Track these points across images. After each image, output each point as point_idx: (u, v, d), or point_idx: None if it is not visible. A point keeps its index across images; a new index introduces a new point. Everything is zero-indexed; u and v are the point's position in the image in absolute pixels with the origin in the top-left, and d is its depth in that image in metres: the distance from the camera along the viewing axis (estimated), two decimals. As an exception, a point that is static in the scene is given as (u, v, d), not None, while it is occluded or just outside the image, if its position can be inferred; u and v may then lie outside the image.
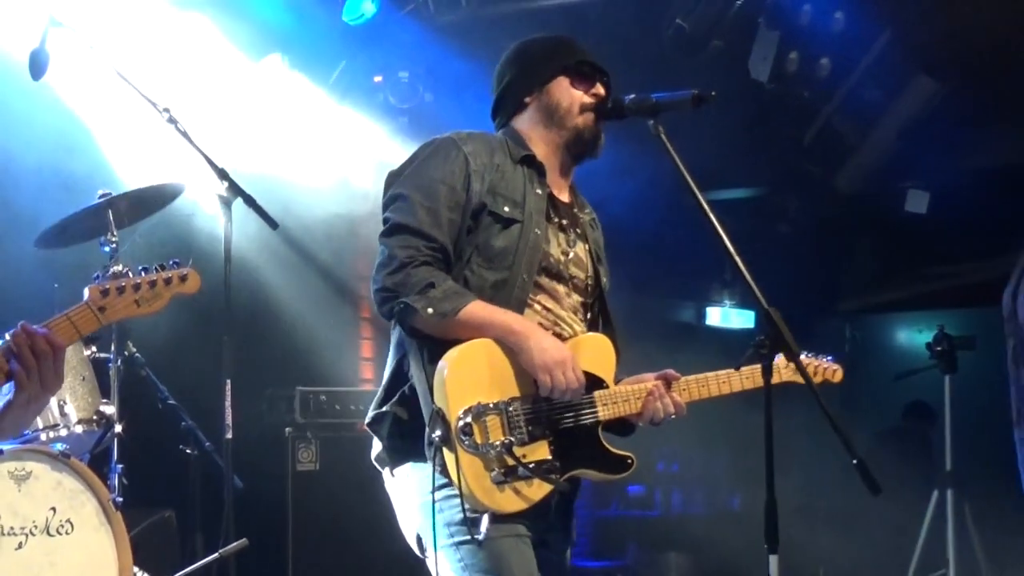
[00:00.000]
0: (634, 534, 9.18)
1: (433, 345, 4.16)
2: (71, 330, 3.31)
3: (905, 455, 9.68)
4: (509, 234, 4.31)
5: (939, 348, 8.37)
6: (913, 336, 11.30)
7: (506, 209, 4.31)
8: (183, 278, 3.48)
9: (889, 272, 11.37)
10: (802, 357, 4.83)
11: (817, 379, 4.89)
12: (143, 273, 3.42)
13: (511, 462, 4.08)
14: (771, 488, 3.99)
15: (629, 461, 4.35)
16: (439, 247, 4.21)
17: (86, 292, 3.36)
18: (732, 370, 4.50)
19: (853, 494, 4.30)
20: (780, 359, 4.48)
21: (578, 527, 4.66)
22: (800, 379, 4.46)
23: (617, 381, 4.43)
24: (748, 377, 4.36)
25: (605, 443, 4.35)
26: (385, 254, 4.20)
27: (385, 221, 4.27)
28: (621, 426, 4.47)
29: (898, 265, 11.21)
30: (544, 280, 4.37)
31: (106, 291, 3.37)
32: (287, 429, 7.68)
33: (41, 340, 3.21)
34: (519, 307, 4.29)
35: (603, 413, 4.33)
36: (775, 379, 4.36)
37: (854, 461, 4.05)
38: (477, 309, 4.14)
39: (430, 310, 4.07)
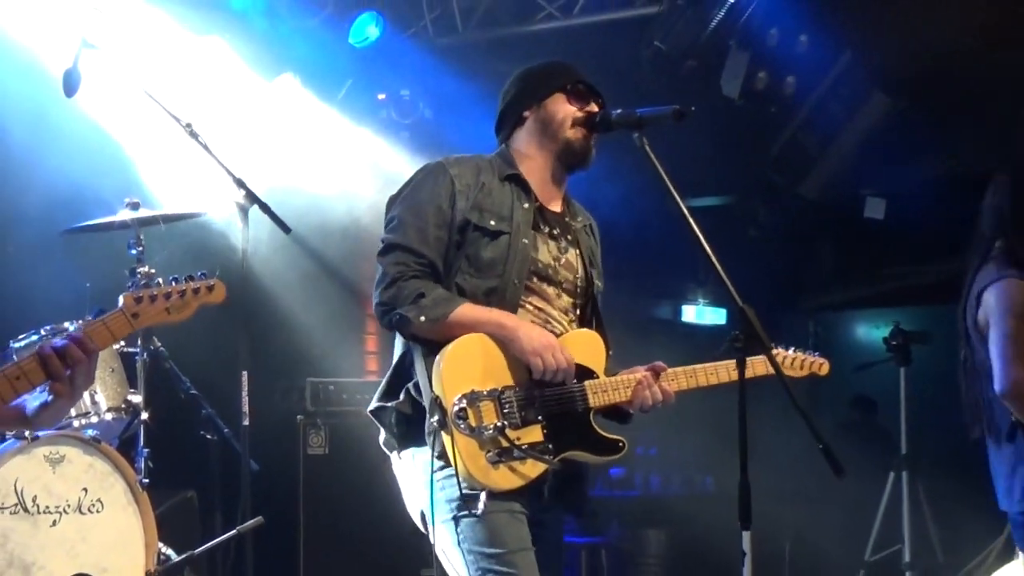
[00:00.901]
0: (616, 513, 9.17)
1: (431, 341, 4.19)
2: (107, 334, 3.31)
3: (864, 440, 9.71)
4: (497, 245, 4.35)
5: (895, 342, 8.38)
6: (871, 331, 11.32)
7: (492, 223, 4.34)
8: (210, 288, 3.48)
9: (849, 272, 11.37)
10: (790, 352, 4.87)
11: (804, 372, 4.93)
12: (173, 283, 3.41)
13: (505, 443, 4.10)
14: (744, 470, 3.99)
15: (620, 444, 4.34)
16: (427, 262, 4.27)
17: (121, 299, 3.35)
18: (719, 363, 4.50)
19: (818, 476, 4.30)
20: (777, 353, 4.54)
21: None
22: (788, 373, 4.52)
23: (611, 375, 4.42)
24: (734, 370, 4.35)
25: (597, 428, 4.35)
26: (380, 271, 4.28)
27: (382, 242, 4.34)
28: (618, 415, 4.47)
29: (857, 266, 11.22)
30: (535, 283, 4.40)
31: (140, 299, 3.37)
32: (299, 417, 7.68)
33: (75, 349, 3.21)
34: (512, 310, 4.31)
35: (593, 400, 4.33)
36: (759, 372, 4.41)
37: (819, 446, 4.06)
38: (466, 311, 4.19)
39: (422, 318, 4.13)
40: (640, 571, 8.92)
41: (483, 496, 4.08)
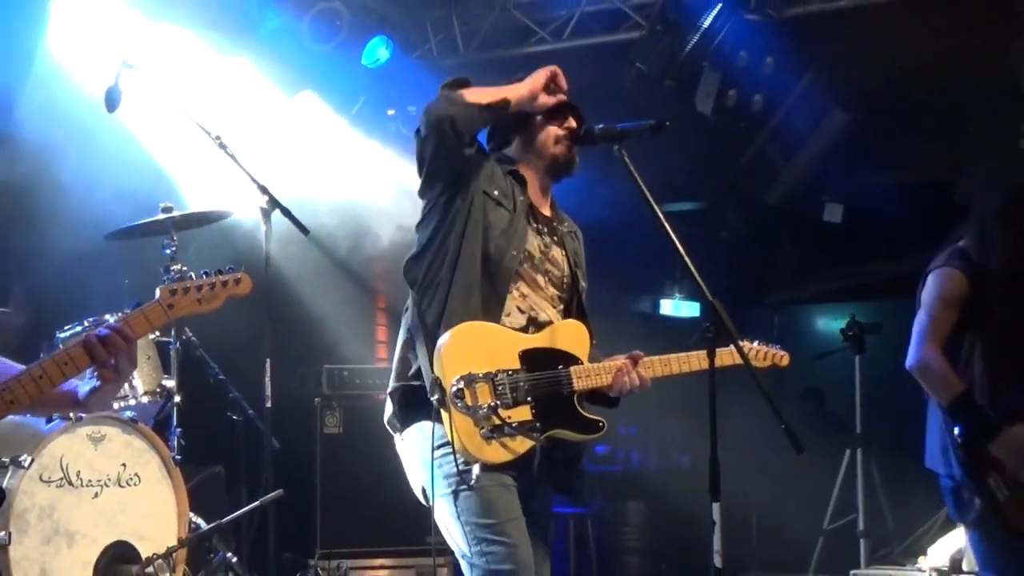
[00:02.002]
0: (600, 486, 9.17)
1: (432, 327, 4.19)
2: (145, 323, 3.32)
3: (823, 421, 9.72)
4: (499, 215, 4.34)
5: (851, 333, 8.39)
6: (829, 323, 11.32)
7: (496, 193, 4.35)
8: (237, 281, 3.48)
9: (809, 270, 11.37)
10: (755, 344, 4.86)
11: (767, 363, 4.91)
12: (204, 276, 3.41)
13: (497, 421, 4.10)
14: (714, 448, 3.99)
15: (601, 424, 4.35)
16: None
17: (158, 292, 3.36)
18: (690, 353, 4.50)
19: (781, 453, 4.30)
20: (732, 348, 4.53)
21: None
22: (755, 363, 4.54)
23: (594, 362, 4.43)
24: (704, 359, 4.35)
25: (581, 409, 4.35)
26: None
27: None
28: (604, 400, 4.47)
29: (817, 265, 11.21)
30: (524, 269, 4.39)
31: (174, 291, 3.37)
32: (316, 399, 7.68)
33: (116, 338, 3.20)
34: (507, 280, 4.32)
35: (577, 384, 4.32)
36: (728, 362, 4.41)
37: (782, 426, 4.06)
38: (477, 89, 4.34)
39: (453, 94, 4.30)
40: (622, 539, 8.93)
41: (476, 467, 4.08)
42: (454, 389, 4.07)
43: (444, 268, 4.27)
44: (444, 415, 4.07)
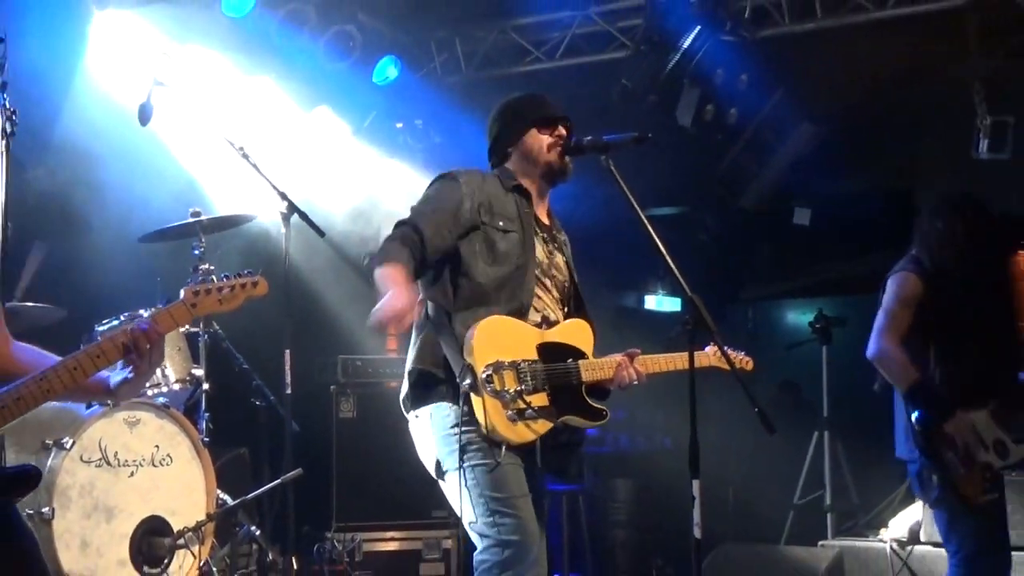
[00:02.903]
0: (591, 465, 9.16)
1: (459, 318, 4.25)
2: (170, 321, 3.32)
3: (793, 406, 9.72)
4: (508, 240, 4.37)
5: (818, 326, 8.39)
6: (799, 317, 11.30)
7: (501, 223, 4.37)
8: (254, 284, 3.48)
9: (781, 269, 11.36)
10: (726, 351, 4.85)
11: (739, 365, 4.92)
12: (225, 279, 3.41)
13: (522, 405, 4.16)
14: (694, 431, 4.00)
15: (605, 413, 4.43)
16: (420, 237, 4.25)
17: (182, 292, 3.36)
18: (677, 354, 4.55)
19: (755, 435, 4.31)
20: (710, 348, 4.58)
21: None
22: (723, 365, 4.59)
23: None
24: (683, 359, 4.39)
25: (587, 399, 4.41)
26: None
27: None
28: (601, 391, 4.50)
29: (787, 264, 11.21)
30: (538, 275, 4.43)
31: (197, 292, 3.37)
32: (332, 387, 7.66)
33: (142, 340, 3.20)
34: (530, 290, 4.37)
35: (585, 376, 4.39)
36: (706, 363, 4.56)
37: (756, 410, 4.08)
38: (385, 270, 4.15)
39: (368, 262, 4.27)
40: (610, 513, 8.93)
41: (503, 448, 4.14)
42: (484, 375, 4.11)
43: (466, 289, 4.33)
44: (475, 398, 4.11)
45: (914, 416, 5.08)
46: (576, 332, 4.50)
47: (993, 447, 5.08)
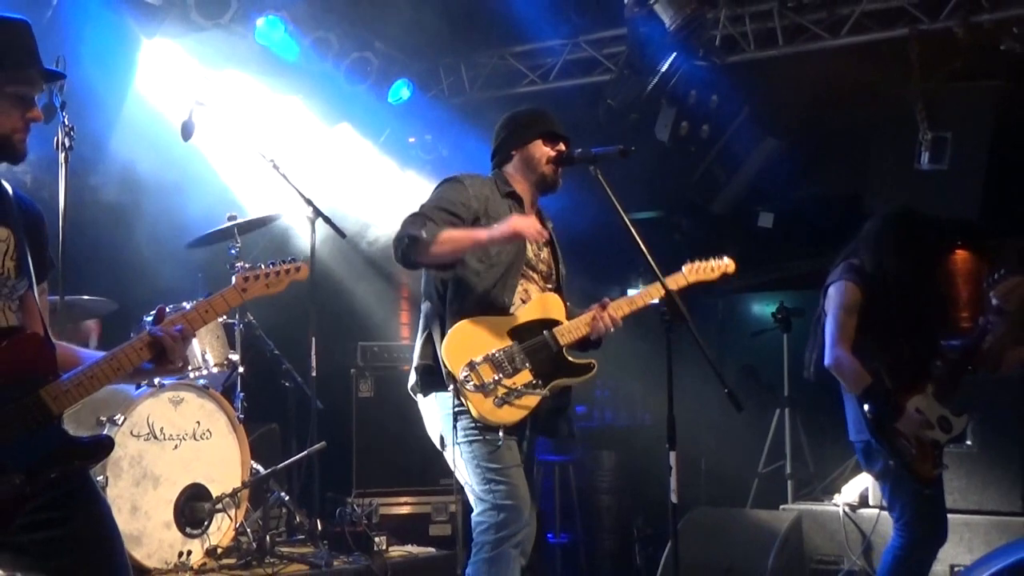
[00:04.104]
0: (579, 439, 9.16)
1: (443, 323, 4.26)
2: (224, 304, 3.31)
3: (758, 386, 9.71)
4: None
5: (780, 316, 8.38)
6: (763, 308, 11.30)
7: (495, 226, 4.31)
8: (298, 269, 3.48)
9: (746, 266, 11.30)
10: (698, 262, 4.90)
11: (716, 274, 5.00)
12: (271, 265, 3.42)
13: (504, 389, 4.14)
14: (671, 408, 4.01)
15: (592, 364, 4.43)
16: (431, 219, 4.25)
17: (233, 279, 3.36)
18: (646, 288, 4.55)
19: (725, 412, 4.31)
20: (684, 269, 4.71)
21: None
22: (702, 276, 4.80)
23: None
24: (658, 289, 4.39)
25: (571, 359, 4.40)
26: (404, 221, 4.30)
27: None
28: (589, 344, 4.51)
29: (753, 262, 11.12)
30: (524, 270, 4.43)
31: (247, 278, 3.37)
32: (352, 370, 7.67)
33: (182, 334, 3.19)
34: (513, 287, 4.36)
35: (562, 340, 4.39)
36: (684, 283, 4.68)
37: (725, 390, 4.08)
38: (449, 232, 4.19)
39: (424, 234, 4.12)
40: (596, 481, 8.92)
41: (500, 432, 4.18)
42: (463, 376, 4.12)
43: (459, 286, 4.33)
44: (461, 396, 4.15)
45: (867, 408, 5.09)
46: (544, 305, 4.46)
47: (938, 424, 5.11)
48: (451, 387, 4.14)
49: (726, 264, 5.01)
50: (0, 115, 3.06)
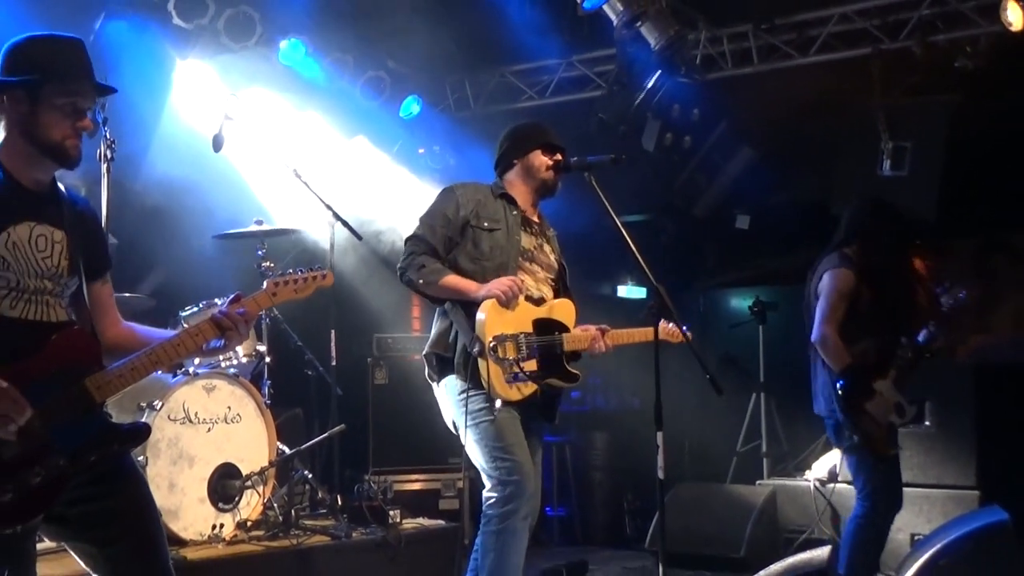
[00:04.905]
0: (574, 421, 9.15)
1: (468, 306, 4.27)
2: (256, 306, 3.32)
3: (737, 372, 9.70)
4: (493, 237, 4.42)
5: (756, 309, 8.39)
6: (741, 302, 11.23)
7: (486, 224, 4.42)
8: (324, 276, 3.48)
9: (725, 264, 11.32)
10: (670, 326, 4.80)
11: (676, 339, 4.88)
12: (299, 272, 3.42)
13: (517, 370, 4.20)
14: (658, 393, 4.01)
15: (579, 377, 4.47)
16: (432, 247, 4.38)
17: (265, 284, 3.37)
18: (639, 328, 4.59)
19: (707, 395, 4.30)
20: (671, 326, 4.57)
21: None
22: (670, 339, 4.61)
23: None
24: (648, 333, 4.41)
25: (567, 365, 4.45)
26: (404, 249, 4.44)
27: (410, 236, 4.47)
28: (577, 356, 4.54)
29: (731, 260, 11.16)
30: (523, 262, 4.46)
31: (277, 283, 3.37)
32: (368, 359, 7.67)
33: (243, 317, 3.22)
34: (513, 272, 4.40)
35: (567, 347, 4.45)
36: (665, 336, 4.50)
37: (707, 376, 4.08)
38: (448, 280, 4.31)
39: (421, 280, 4.29)
40: (590, 460, 8.93)
41: (498, 403, 4.18)
42: (491, 344, 4.16)
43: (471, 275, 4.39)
44: (481, 363, 4.16)
45: (839, 384, 5.11)
46: (562, 310, 4.53)
47: (895, 409, 5.13)
48: (474, 351, 4.17)
49: (686, 335, 4.95)
50: (52, 124, 3.06)
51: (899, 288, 5.44)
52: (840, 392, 5.11)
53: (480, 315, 4.22)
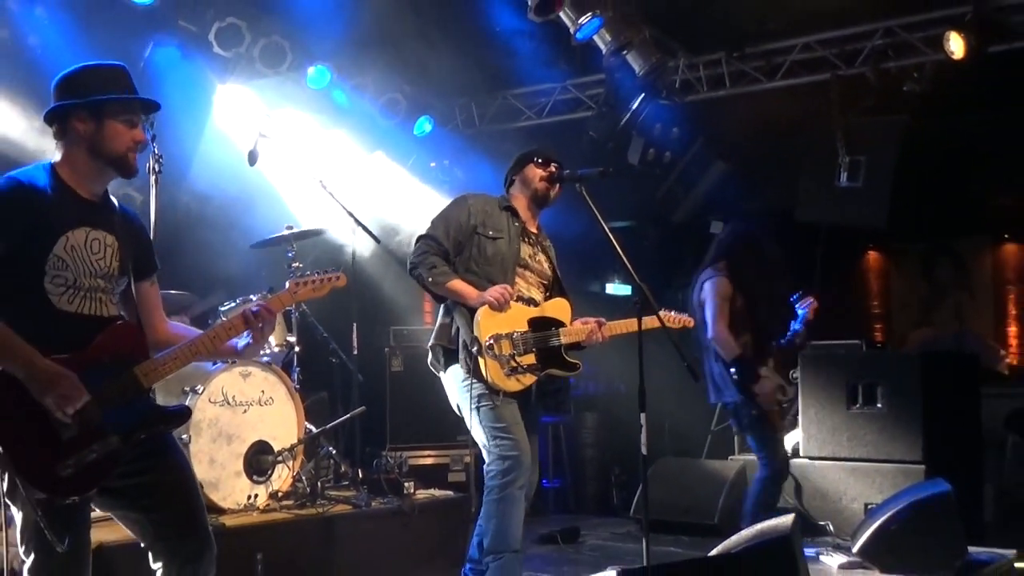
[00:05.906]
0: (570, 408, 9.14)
1: (467, 310, 4.26)
2: (279, 303, 3.37)
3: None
4: (495, 245, 4.40)
5: (729, 304, 8.37)
6: (714, 298, 11.26)
7: (491, 233, 4.41)
8: (338, 278, 3.51)
9: (701, 266, 11.29)
10: (671, 313, 4.87)
11: (680, 324, 4.96)
12: (317, 274, 3.44)
13: (515, 364, 4.19)
14: (642, 378, 3.98)
15: (578, 365, 4.48)
16: (443, 248, 4.35)
17: (287, 283, 3.41)
18: (628, 319, 4.53)
19: (684, 380, 4.31)
20: (673, 314, 4.74)
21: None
22: (666, 324, 4.58)
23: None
24: (635, 325, 4.39)
25: (566, 356, 4.44)
26: (416, 246, 4.39)
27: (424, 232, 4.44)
28: (576, 346, 4.53)
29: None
30: (519, 270, 4.44)
31: (298, 283, 3.40)
32: (386, 348, 7.66)
33: (265, 312, 3.24)
34: (511, 283, 4.38)
35: (564, 340, 4.45)
36: (652, 324, 4.46)
37: (685, 363, 4.08)
38: (454, 284, 4.28)
39: (430, 279, 4.27)
40: (581, 438, 8.93)
41: (501, 395, 4.19)
42: (488, 343, 4.15)
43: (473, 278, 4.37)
44: (480, 360, 4.16)
45: (732, 371, 5.43)
46: (558, 308, 4.52)
47: (778, 389, 5.51)
48: (473, 350, 4.16)
49: (688, 319, 5.05)
50: (116, 136, 3.09)
51: (769, 294, 5.69)
52: (735, 377, 5.40)
53: (478, 317, 4.23)
